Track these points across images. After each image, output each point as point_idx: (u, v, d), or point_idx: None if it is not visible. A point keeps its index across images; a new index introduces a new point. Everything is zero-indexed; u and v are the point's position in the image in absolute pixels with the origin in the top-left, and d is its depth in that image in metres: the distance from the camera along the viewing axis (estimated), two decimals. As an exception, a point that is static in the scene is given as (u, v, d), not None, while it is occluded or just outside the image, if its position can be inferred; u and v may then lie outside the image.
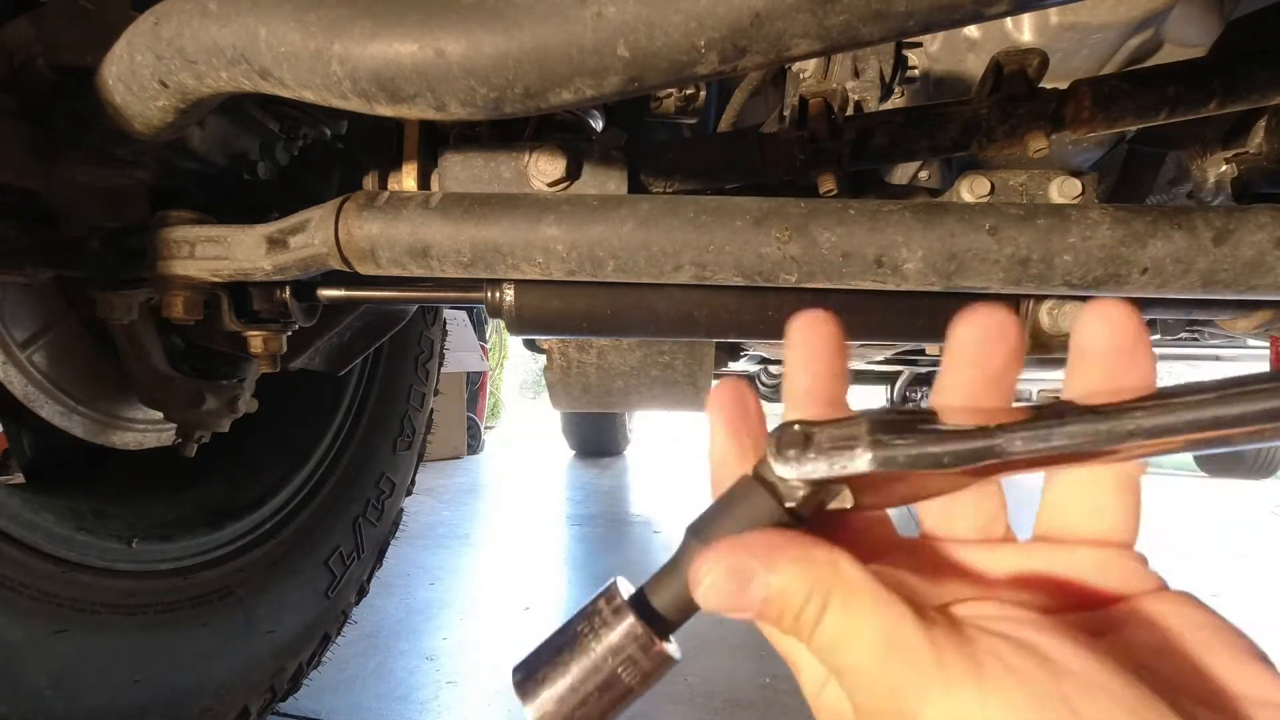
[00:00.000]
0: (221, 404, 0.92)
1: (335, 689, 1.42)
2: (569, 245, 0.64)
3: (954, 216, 0.62)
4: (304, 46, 0.51)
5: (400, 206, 0.66)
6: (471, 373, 4.89)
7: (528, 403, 8.44)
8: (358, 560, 1.30)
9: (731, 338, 0.78)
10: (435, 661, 1.58)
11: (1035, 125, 0.67)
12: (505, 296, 0.75)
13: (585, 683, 0.28)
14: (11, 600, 0.76)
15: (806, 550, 0.27)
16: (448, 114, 0.52)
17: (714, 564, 0.27)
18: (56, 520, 0.86)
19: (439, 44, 0.48)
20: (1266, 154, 0.79)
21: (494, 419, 6.17)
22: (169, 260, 0.74)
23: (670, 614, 0.29)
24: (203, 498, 1.12)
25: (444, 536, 2.64)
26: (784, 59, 0.45)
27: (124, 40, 0.61)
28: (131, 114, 0.64)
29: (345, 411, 1.34)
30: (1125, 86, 0.66)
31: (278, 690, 1.12)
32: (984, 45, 0.78)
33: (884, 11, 0.42)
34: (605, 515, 3.07)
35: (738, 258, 0.63)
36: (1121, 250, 0.61)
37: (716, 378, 0.89)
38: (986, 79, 0.69)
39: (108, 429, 0.99)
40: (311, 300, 0.84)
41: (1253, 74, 0.66)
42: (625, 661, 0.28)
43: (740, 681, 1.52)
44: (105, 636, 0.85)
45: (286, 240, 0.71)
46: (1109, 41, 0.71)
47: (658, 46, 0.45)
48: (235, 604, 1.04)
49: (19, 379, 0.87)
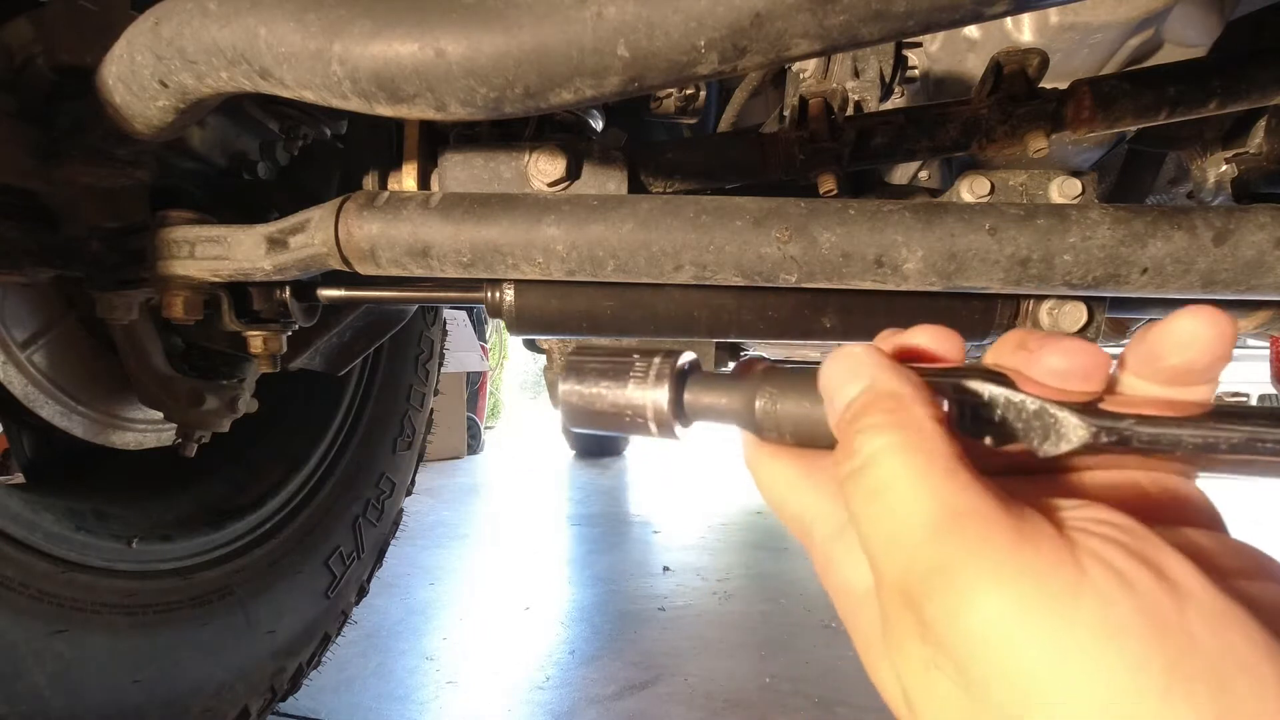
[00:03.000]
0: (221, 404, 0.92)
1: (335, 689, 1.42)
2: (569, 245, 0.64)
3: (954, 216, 0.62)
4: (304, 46, 0.51)
5: (400, 206, 0.66)
6: (471, 373, 4.89)
7: (528, 403, 8.44)
8: (358, 560, 1.31)
9: (731, 338, 0.78)
10: (435, 661, 1.58)
11: (1035, 125, 0.67)
12: (505, 296, 0.75)
13: (608, 402, 0.33)
14: (11, 600, 0.76)
15: (916, 394, 0.25)
16: (448, 114, 0.52)
17: (848, 349, 0.27)
18: (56, 520, 0.86)
19: (439, 44, 0.48)
20: (1266, 154, 0.79)
21: (494, 419, 6.17)
22: (169, 260, 0.74)
23: (699, 409, 0.32)
24: (203, 498, 1.12)
25: (444, 536, 2.64)
26: (784, 59, 0.45)
27: (124, 40, 0.61)
28: (131, 114, 0.64)
29: (345, 411, 1.34)
30: (1125, 86, 0.66)
31: (278, 690, 1.12)
32: (984, 45, 0.78)
33: (884, 11, 0.42)
34: (605, 515, 3.07)
35: (738, 258, 0.63)
36: (1121, 250, 0.61)
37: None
38: (986, 79, 0.69)
39: (108, 429, 0.99)
40: (311, 300, 0.84)
41: (1253, 74, 0.66)
42: (641, 415, 0.32)
43: (740, 681, 1.52)
44: (105, 636, 0.85)
45: (286, 240, 0.71)
46: (1109, 41, 0.71)
47: (658, 46, 0.45)
48: (235, 604, 1.04)
49: (19, 379, 0.87)
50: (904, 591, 0.21)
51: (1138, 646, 0.18)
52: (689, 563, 2.36)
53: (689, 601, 1.99)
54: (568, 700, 1.42)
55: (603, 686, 1.48)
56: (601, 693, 1.45)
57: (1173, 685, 0.18)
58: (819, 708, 1.41)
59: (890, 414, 0.24)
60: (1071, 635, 0.18)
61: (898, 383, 0.25)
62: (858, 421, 0.25)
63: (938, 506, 0.21)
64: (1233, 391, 2.60)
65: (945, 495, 0.21)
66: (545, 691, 1.45)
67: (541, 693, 1.45)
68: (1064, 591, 0.19)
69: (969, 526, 0.21)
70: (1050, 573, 0.19)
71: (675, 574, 2.24)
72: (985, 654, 0.19)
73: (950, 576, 0.20)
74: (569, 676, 1.52)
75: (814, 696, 1.45)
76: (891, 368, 0.26)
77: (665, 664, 1.58)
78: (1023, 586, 0.19)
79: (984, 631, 0.19)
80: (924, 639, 0.21)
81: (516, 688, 1.47)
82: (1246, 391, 3.85)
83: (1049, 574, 0.19)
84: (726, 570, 2.30)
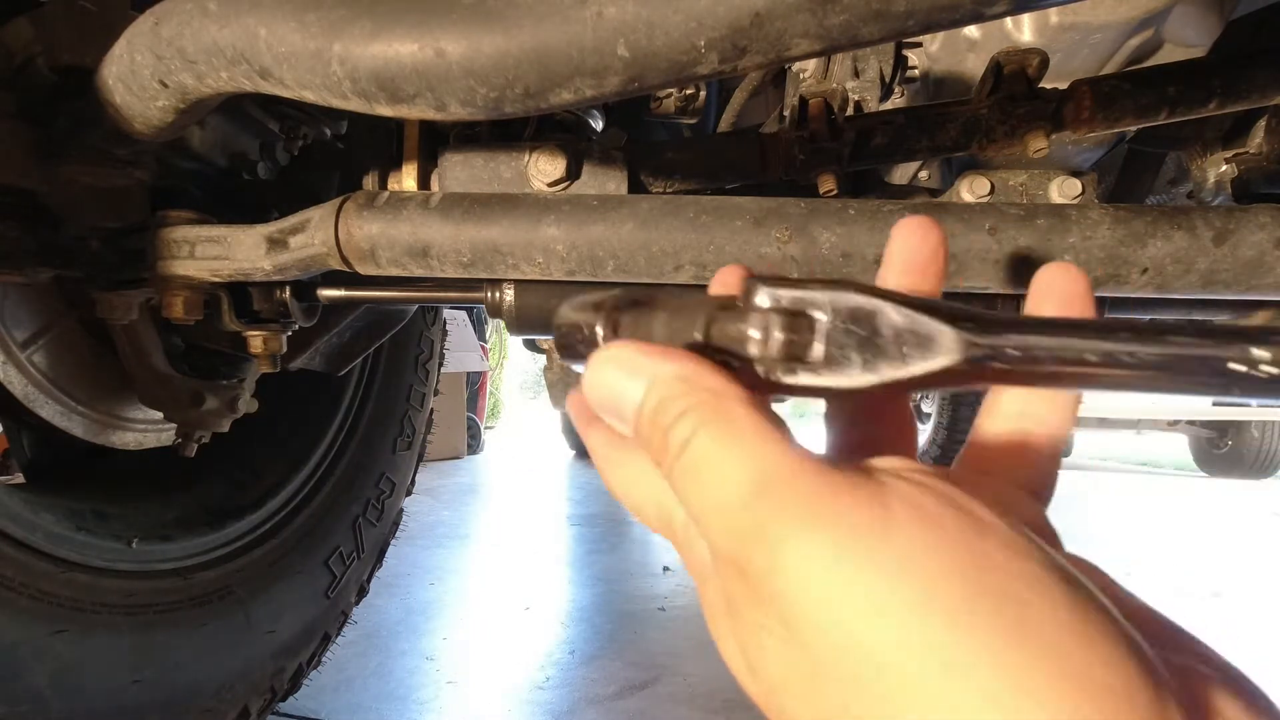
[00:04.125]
0: (221, 404, 0.92)
1: (335, 689, 1.42)
2: (569, 245, 0.64)
3: (954, 216, 0.62)
4: (304, 47, 0.51)
5: (400, 206, 0.66)
6: (471, 373, 4.89)
7: (528, 403, 8.44)
8: (358, 560, 1.30)
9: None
10: (435, 661, 1.58)
11: (1035, 125, 0.67)
12: (505, 296, 0.75)
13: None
14: (11, 600, 0.76)
15: (700, 371, 0.24)
16: (448, 114, 0.52)
17: (608, 354, 0.26)
18: (56, 520, 0.86)
19: (439, 44, 0.48)
20: (1266, 154, 0.79)
21: (494, 419, 6.17)
22: (169, 260, 0.74)
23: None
24: (203, 498, 1.12)
25: (444, 536, 2.64)
26: (784, 59, 0.45)
27: (124, 40, 0.61)
28: (131, 114, 0.64)
29: (345, 411, 1.34)
30: (1125, 86, 0.66)
31: (278, 690, 1.12)
32: (984, 45, 0.78)
33: (884, 11, 0.42)
34: (605, 515, 3.07)
35: (738, 258, 0.63)
36: (1121, 250, 0.61)
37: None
38: (986, 79, 0.69)
39: (108, 429, 0.99)
40: (311, 300, 0.84)
41: (1253, 74, 0.66)
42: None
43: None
44: (105, 636, 0.85)
45: (286, 240, 0.71)
46: (1109, 41, 0.70)
47: (658, 46, 0.45)
48: (235, 604, 1.04)
49: (19, 379, 0.87)
50: (731, 559, 0.22)
51: (938, 571, 0.19)
52: (689, 563, 2.36)
53: (689, 601, 1.99)
54: (568, 700, 1.42)
55: (603, 686, 1.48)
56: (601, 693, 1.45)
57: (971, 602, 0.18)
58: (819, 708, 1.41)
59: (685, 397, 0.24)
60: (878, 571, 0.19)
61: (677, 365, 0.25)
62: (658, 419, 0.24)
63: (750, 472, 0.22)
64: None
65: (756, 460, 0.22)
66: (545, 691, 1.45)
67: (541, 693, 1.45)
68: (872, 532, 0.20)
69: (780, 485, 0.21)
70: (859, 516, 0.20)
71: (675, 574, 2.24)
72: (804, 602, 0.20)
73: (765, 533, 0.21)
74: (569, 676, 1.52)
75: (814, 696, 1.45)
76: (661, 353, 0.25)
77: (665, 664, 1.58)
78: (834, 532, 0.20)
79: (800, 579, 0.20)
80: (753, 602, 0.22)
81: (516, 688, 1.47)
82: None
83: (857, 517, 0.20)
84: (726, 570, 2.29)
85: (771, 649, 0.22)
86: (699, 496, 0.23)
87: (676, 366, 0.25)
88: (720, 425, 0.23)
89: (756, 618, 0.22)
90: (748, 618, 0.22)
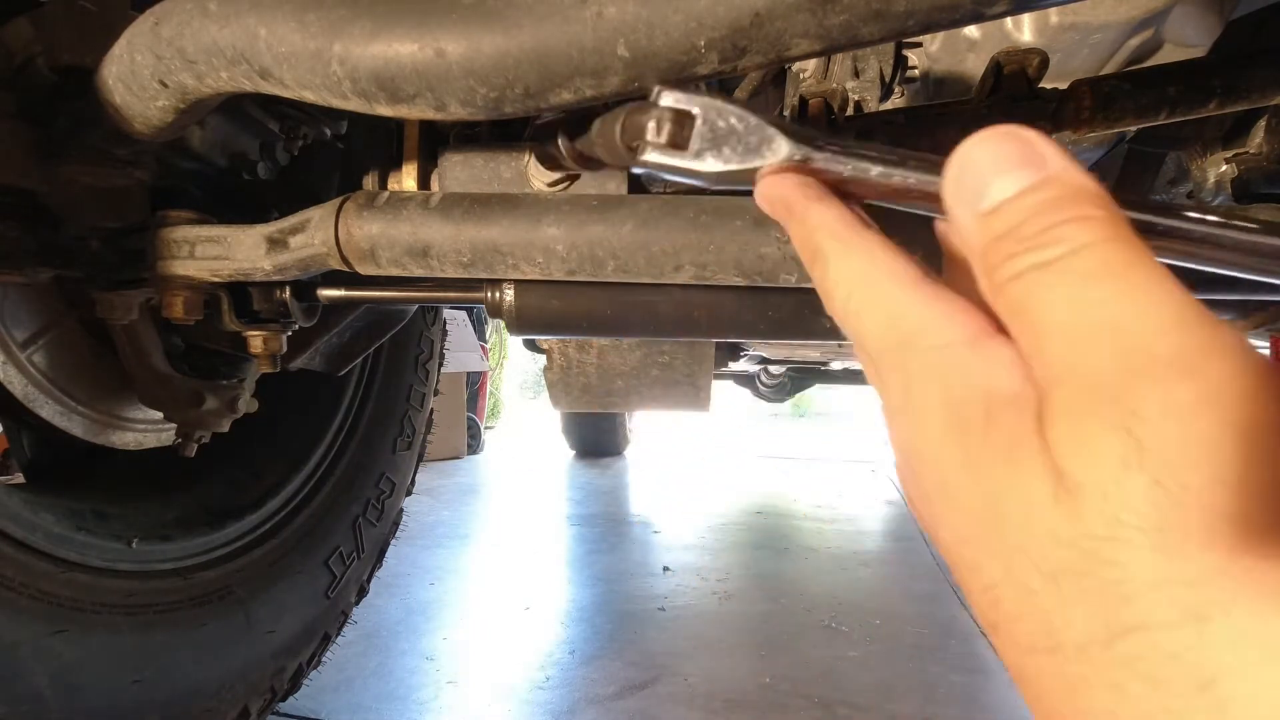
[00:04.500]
0: (221, 404, 0.92)
1: (335, 689, 1.42)
2: (569, 245, 0.64)
3: (954, 216, 0.62)
4: (304, 47, 0.51)
5: (400, 206, 0.66)
6: (471, 373, 4.89)
7: (528, 403, 8.44)
8: (358, 560, 1.31)
9: (731, 338, 0.78)
10: (435, 661, 1.58)
11: (1035, 125, 0.67)
12: (505, 296, 0.75)
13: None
14: (11, 600, 0.76)
15: (1104, 196, 0.23)
16: (448, 114, 0.52)
17: (1005, 131, 0.26)
18: (56, 520, 0.86)
19: (439, 44, 0.48)
20: (1266, 154, 0.79)
21: (494, 419, 6.17)
22: (169, 260, 0.74)
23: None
24: (203, 498, 1.12)
25: (444, 536, 2.64)
26: (784, 59, 0.45)
27: (124, 40, 0.61)
28: (131, 114, 0.64)
29: (345, 411, 1.34)
30: (1125, 86, 0.66)
31: (278, 690, 1.12)
32: (984, 45, 0.78)
33: (884, 11, 0.42)
34: (605, 515, 3.07)
35: (738, 258, 0.63)
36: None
37: (716, 378, 0.89)
38: (986, 79, 0.69)
39: (108, 429, 0.99)
40: (311, 300, 0.84)
41: (1253, 74, 0.66)
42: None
43: (740, 681, 1.52)
44: (105, 636, 0.85)
45: (286, 240, 0.71)
46: (1109, 41, 0.71)
47: (658, 46, 0.45)
48: (235, 604, 1.04)
49: (19, 379, 0.87)
50: (1128, 374, 0.19)
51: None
52: (689, 563, 2.36)
53: (689, 601, 1.99)
54: (568, 700, 1.42)
55: (603, 686, 1.48)
56: (601, 693, 1.45)
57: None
58: (819, 708, 1.41)
59: (1100, 208, 0.22)
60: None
61: (1085, 179, 0.23)
62: (1051, 213, 0.22)
63: (1180, 301, 0.20)
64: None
65: (1181, 294, 0.20)
66: (545, 691, 1.46)
67: (541, 693, 1.45)
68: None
69: (1217, 327, 0.19)
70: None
71: (675, 574, 2.24)
72: (1217, 456, 0.18)
73: (1198, 371, 0.19)
74: (569, 676, 1.52)
75: (814, 696, 1.45)
76: (1072, 158, 0.23)
77: (665, 664, 1.58)
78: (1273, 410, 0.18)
79: (1225, 436, 0.18)
80: (1130, 431, 0.19)
81: (516, 688, 1.47)
82: None
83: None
84: (726, 570, 2.30)
85: (1138, 487, 0.19)
86: (1097, 305, 0.20)
87: (1084, 179, 0.23)
88: (1137, 249, 0.21)
89: (1123, 449, 0.19)
90: (1105, 447, 0.19)
